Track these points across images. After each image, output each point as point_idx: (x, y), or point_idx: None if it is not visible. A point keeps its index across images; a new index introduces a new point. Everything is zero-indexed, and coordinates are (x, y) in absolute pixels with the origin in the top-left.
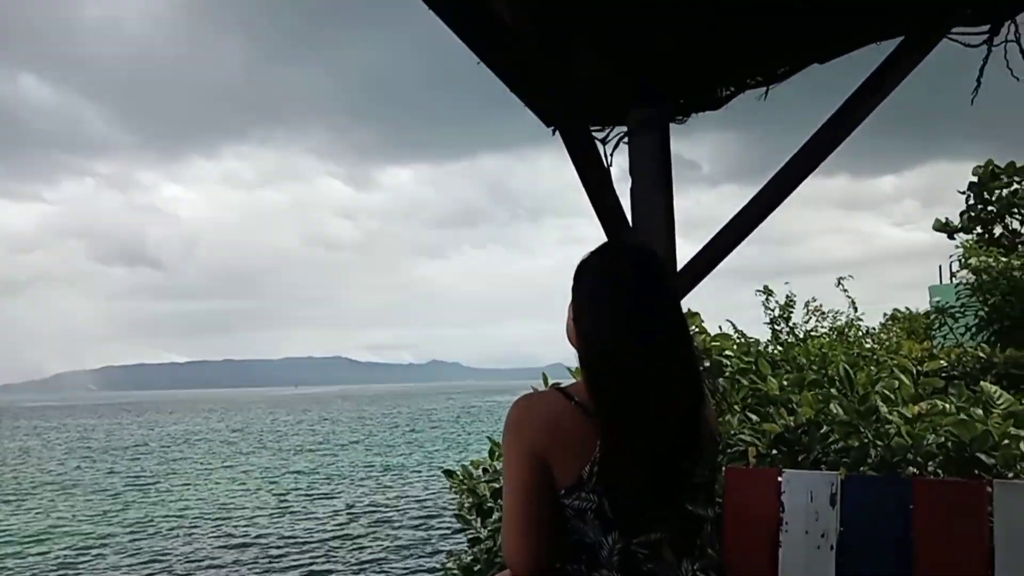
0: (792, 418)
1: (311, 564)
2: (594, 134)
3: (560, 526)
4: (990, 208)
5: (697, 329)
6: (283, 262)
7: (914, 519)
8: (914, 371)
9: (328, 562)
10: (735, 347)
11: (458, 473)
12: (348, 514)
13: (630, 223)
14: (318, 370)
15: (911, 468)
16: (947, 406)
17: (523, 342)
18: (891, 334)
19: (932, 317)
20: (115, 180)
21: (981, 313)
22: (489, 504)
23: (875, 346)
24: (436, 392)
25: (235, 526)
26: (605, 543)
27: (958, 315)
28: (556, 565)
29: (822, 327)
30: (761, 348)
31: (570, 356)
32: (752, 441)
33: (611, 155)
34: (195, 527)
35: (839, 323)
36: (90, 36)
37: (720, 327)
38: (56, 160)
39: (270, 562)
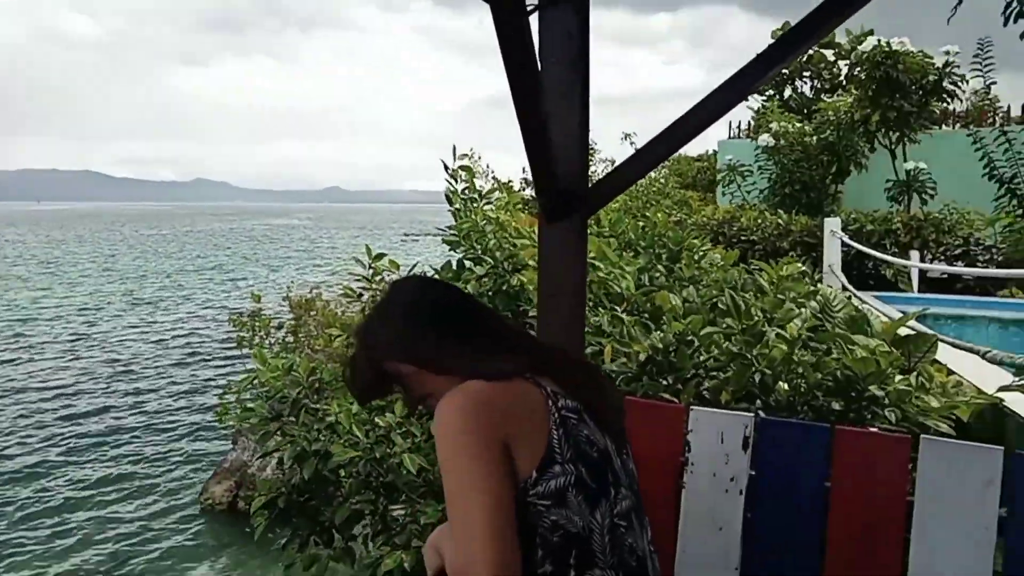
0: (659, 335)
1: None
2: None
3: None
4: (783, 71)
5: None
6: (9, 58)
7: (833, 468)
8: (774, 278)
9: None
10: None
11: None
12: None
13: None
14: (64, 184)
15: (784, 388)
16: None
17: (298, 163)
18: (670, 185)
19: (722, 175)
20: None
21: (774, 177)
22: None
23: (674, 206)
24: (205, 213)
25: None
26: (595, 524)
27: (747, 174)
28: None
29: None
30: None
31: (346, 179)
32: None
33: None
34: None
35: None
36: None
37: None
38: None
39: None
